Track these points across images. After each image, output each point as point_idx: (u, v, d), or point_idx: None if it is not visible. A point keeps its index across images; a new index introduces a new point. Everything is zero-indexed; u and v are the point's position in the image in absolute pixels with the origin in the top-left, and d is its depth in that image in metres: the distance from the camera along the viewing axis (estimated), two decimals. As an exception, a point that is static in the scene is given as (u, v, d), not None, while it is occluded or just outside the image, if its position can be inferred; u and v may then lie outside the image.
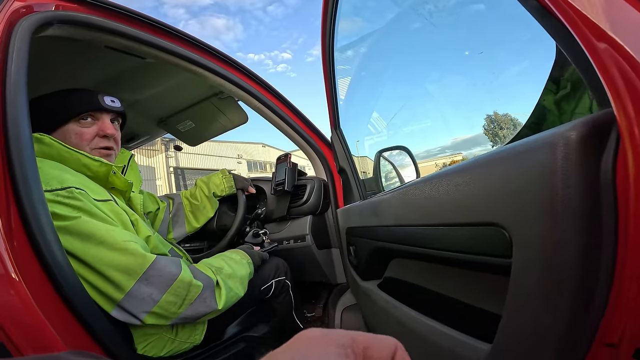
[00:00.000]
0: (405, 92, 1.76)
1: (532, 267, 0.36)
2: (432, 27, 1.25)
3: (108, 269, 0.72)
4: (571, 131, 0.33)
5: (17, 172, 0.62)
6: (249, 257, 1.09)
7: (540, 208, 0.34)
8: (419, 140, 1.82)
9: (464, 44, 1.25)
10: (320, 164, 1.51)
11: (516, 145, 0.39)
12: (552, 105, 0.88)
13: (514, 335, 0.40)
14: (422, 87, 1.71)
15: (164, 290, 0.76)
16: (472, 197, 0.45)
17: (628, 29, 0.32)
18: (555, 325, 0.35)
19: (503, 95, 1.28)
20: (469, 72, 1.47)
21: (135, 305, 0.74)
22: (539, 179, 0.34)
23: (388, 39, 1.44)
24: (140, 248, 0.76)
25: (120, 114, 0.97)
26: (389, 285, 0.90)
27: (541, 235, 0.34)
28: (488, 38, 1.16)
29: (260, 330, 1.12)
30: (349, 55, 1.51)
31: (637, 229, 0.30)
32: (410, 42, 1.45)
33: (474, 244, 0.47)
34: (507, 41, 1.11)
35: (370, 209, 0.89)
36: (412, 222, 0.64)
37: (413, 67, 1.64)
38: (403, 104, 1.70)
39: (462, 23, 1.21)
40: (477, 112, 1.38)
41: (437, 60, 1.51)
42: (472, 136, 1.57)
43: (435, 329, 0.58)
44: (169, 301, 0.76)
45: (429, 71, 1.63)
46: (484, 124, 1.43)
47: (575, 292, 0.33)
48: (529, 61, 1.03)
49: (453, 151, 1.82)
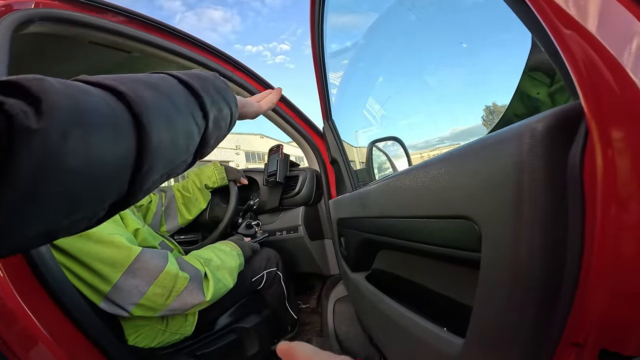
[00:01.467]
0: (400, 82, 1.74)
1: (498, 263, 0.36)
2: (425, 18, 1.23)
3: (94, 261, 0.73)
4: (538, 123, 0.32)
5: None
6: (239, 249, 1.09)
7: (507, 202, 0.34)
8: (417, 131, 1.81)
9: (458, 35, 1.23)
10: (312, 154, 1.51)
11: (488, 137, 0.38)
12: (547, 99, 0.87)
13: (484, 332, 0.40)
14: (419, 77, 1.69)
15: (150, 282, 0.77)
16: (446, 190, 0.44)
17: (598, 15, 0.31)
18: (522, 323, 0.35)
19: (501, 86, 1.26)
20: (466, 63, 1.45)
21: (123, 297, 0.76)
22: (506, 172, 0.34)
23: (382, 29, 1.42)
24: (126, 241, 0.77)
25: None
26: (377, 277, 0.91)
27: (507, 231, 0.34)
28: (484, 28, 1.13)
29: (251, 322, 1.13)
30: (342, 45, 1.49)
31: (604, 226, 0.29)
32: (405, 33, 1.43)
33: (449, 237, 0.47)
34: (502, 31, 1.09)
35: (358, 200, 0.89)
36: (394, 213, 0.63)
37: (408, 57, 1.62)
38: (399, 95, 1.69)
39: (455, 15, 1.19)
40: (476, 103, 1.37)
41: (433, 51, 1.49)
42: (471, 127, 1.56)
43: (416, 322, 0.59)
44: (155, 293, 0.77)
45: (426, 62, 1.61)
46: (483, 115, 1.41)
47: (541, 290, 0.33)
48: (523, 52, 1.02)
49: (452, 142, 1.81)
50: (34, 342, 0.62)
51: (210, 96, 0.37)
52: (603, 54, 0.29)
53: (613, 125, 0.29)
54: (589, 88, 0.30)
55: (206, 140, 0.37)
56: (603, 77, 0.29)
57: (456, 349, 0.46)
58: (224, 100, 0.40)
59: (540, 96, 0.87)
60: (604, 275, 0.30)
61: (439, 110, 1.77)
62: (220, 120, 0.39)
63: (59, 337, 0.65)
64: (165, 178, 0.32)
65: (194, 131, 0.34)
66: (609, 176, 0.29)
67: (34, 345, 0.62)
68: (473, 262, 0.44)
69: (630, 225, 0.28)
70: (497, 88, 1.28)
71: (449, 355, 0.48)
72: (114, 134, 0.24)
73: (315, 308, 1.62)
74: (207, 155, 0.40)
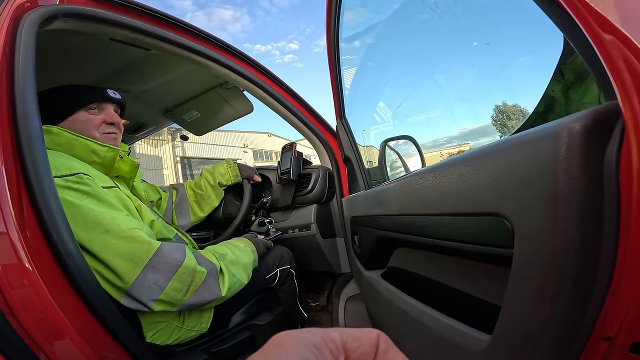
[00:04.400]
0: (412, 81, 1.74)
1: (532, 258, 0.36)
2: (438, 17, 1.23)
3: (114, 257, 0.73)
4: (575, 122, 0.33)
5: (28, 163, 0.63)
6: (253, 245, 1.10)
7: (542, 199, 0.34)
8: (425, 130, 1.81)
9: (471, 34, 1.23)
10: (325, 153, 1.51)
11: (521, 136, 0.39)
12: (560, 95, 0.87)
13: (513, 327, 0.41)
14: (430, 77, 1.69)
15: (170, 277, 0.77)
16: (475, 187, 0.45)
17: (635, 21, 0.32)
18: (553, 318, 0.35)
19: (511, 86, 1.26)
20: (477, 62, 1.45)
21: (143, 293, 0.76)
22: (542, 170, 0.34)
23: (395, 28, 1.42)
24: (146, 235, 0.78)
25: (120, 104, 1.04)
26: (393, 275, 0.91)
27: (542, 226, 0.34)
28: (496, 28, 1.14)
29: (265, 319, 1.14)
30: (356, 44, 1.49)
31: (639, 223, 0.30)
32: (417, 32, 1.43)
33: (475, 234, 0.47)
34: (515, 31, 1.09)
35: (375, 198, 0.90)
36: (416, 211, 0.64)
37: (420, 57, 1.62)
38: (410, 94, 1.69)
39: (470, 13, 1.19)
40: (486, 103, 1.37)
41: (444, 50, 1.49)
42: (480, 126, 1.56)
43: (437, 319, 0.59)
44: (174, 288, 0.78)
45: (436, 61, 1.61)
46: (493, 114, 1.41)
47: (574, 285, 0.33)
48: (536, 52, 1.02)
49: (460, 141, 1.80)
50: (61, 336, 0.63)
51: None
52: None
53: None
54: (626, 89, 0.31)
55: None
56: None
57: (482, 345, 0.46)
58: None
59: (554, 94, 0.87)
60: (637, 269, 0.31)
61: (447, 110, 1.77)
62: None
63: (85, 332, 0.66)
64: None
65: None
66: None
67: (60, 339, 0.63)
68: (501, 259, 0.45)
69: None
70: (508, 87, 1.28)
71: (473, 352, 0.48)
72: None
73: (325, 306, 1.63)
74: None
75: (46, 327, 0.62)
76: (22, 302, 0.59)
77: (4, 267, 0.58)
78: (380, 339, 0.20)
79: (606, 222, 0.32)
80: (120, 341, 0.73)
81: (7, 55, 0.69)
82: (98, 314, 0.69)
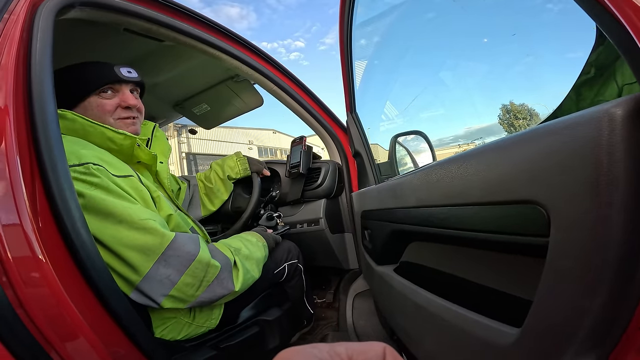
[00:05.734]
0: (422, 79, 1.73)
1: (570, 247, 0.35)
2: (449, 14, 1.22)
3: (126, 249, 0.71)
4: (617, 107, 0.32)
5: (44, 150, 0.61)
6: (264, 240, 1.09)
7: (584, 183, 0.33)
8: (432, 128, 1.80)
9: (483, 31, 1.22)
10: (334, 147, 1.50)
11: (555, 123, 0.38)
12: (571, 92, 0.86)
13: (546, 320, 0.39)
14: (439, 75, 1.68)
15: (182, 271, 0.75)
16: (506, 175, 0.44)
17: None
18: (591, 308, 0.34)
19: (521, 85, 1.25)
20: (489, 60, 1.44)
21: (154, 288, 0.73)
22: (583, 155, 0.33)
23: (406, 24, 1.41)
24: (159, 226, 0.75)
25: (138, 84, 0.96)
26: (406, 270, 0.90)
27: (583, 213, 0.33)
28: (513, 24, 1.12)
29: (273, 314, 1.13)
30: (367, 39, 1.48)
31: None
32: (428, 30, 1.42)
33: (505, 223, 0.46)
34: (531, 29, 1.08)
35: (390, 191, 0.89)
36: (436, 202, 0.63)
37: (430, 55, 1.61)
38: (419, 91, 1.67)
39: (485, 9, 1.18)
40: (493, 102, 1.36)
41: (454, 48, 1.48)
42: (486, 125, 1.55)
43: (458, 312, 0.58)
44: (186, 283, 0.75)
45: (446, 59, 1.60)
46: (499, 113, 1.40)
47: (616, 274, 0.32)
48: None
49: (466, 140, 1.79)
50: (74, 332, 0.61)
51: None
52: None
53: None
54: None
55: None
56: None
57: (509, 338, 0.45)
58: None
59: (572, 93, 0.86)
60: None
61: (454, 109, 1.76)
62: None
63: (98, 327, 0.64)
64: None
65: None
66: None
67: (73, 335, 0.61)
68: (531, 249, 0.44)
69: None
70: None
71: (499, 346, 0.47)
72: None
73: (331, 303, 1.62)
74: None
75: (58, 322, 0.59)
76: (35, 297, 0.57)
77: (16, 259, 0.56)
78: (386, 351, 0.20)
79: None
80: (132, 337, 0.70)
81: (24, 41, 0.68)
82: (111, 309, 0.67)
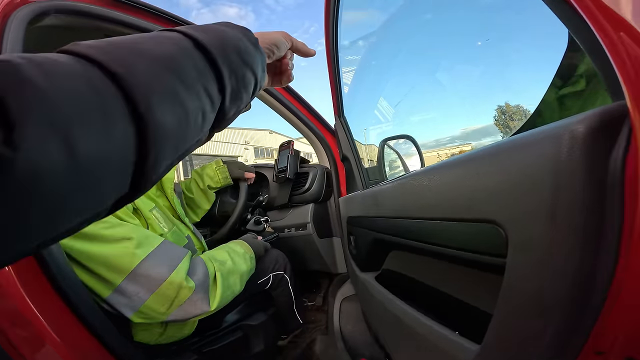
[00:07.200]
0: (412, 80, 1.72)
1: (525, 269, 0.34)
2: (440, 18, 1.21)
3: (97, 265, 0.71)
4: (579, 124, 0.31)
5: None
6: (252, 252, 1.07)
7: (540, 206, 0.32)
8: (428, 130, 1.79)
9: (474, 33, 1.21)
10: (323, 151, 1.49)
11: (519, 138, 0.36)
12: (555, 102, 0.84)
13: (503, 338, 0.38)
14: (431, 76, 1.66)
15: (152, 290, 0.74)
16: (470, 192, 0.42)
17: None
18: (546, 331, 0.33)
19: (515, 87, 1.24)
20: (479, 62, 1.42)
21: (123, 303, 0.73)
22: (541, 175, 0.32)
23: (395, 27, 1.40)
24: (133, 246, 0.74)
25: None
26: (387, 278, 0.89)
27: (539, 235, 0.32)
28: (498, 28, 1.11)
29: (258, 319, 1.12)
30: (356, 42, 1.47)
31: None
32: (418, 31, 1.41)
33: (470, 241, 0.45)
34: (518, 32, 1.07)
35: (371, 199, 0.87)
36: (410, 214, 0.62)
37: (421, 56, 1.60)
38: (410, 93, 1.66)
39: (472, 12, 1.17)
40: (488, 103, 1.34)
41: (446, 51, 1.47)
42: (482, 126, 1.53)
43: (428, 326, 0.57)
44: (156, 301, 0.75)
45: (438, 60, 1.59)
46: (495, 114, 1.39)
47: (570, 298, 0.31)
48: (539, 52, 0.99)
49: (462, 141, 1.78)
50: (39, 338, 0.61)
51: (230, 64, 0.31)
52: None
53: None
54: (635, 88, 0.29)
55: (223, 114, 0.32)
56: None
57: (470, 355, 0.44)
58: (247, 66, 0.33)
59: (547, 97, 0.84)
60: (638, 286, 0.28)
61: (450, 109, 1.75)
62: (241, 91, 0.33)
63: (64, 333, 0.64)
64: (177, 161, 0.29)
65: (207, 109, 0.29)
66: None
67: (38, 342, 0.61)
68: (494, 267, 0.42)
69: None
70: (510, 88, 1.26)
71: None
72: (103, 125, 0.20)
73: (321, 306, 1.61)
74: (224, 128, 0.34)
75: (24, 328, 0.60)
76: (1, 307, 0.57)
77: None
78: None
79: (608, 231, 0.29)
80: (104, 342, 0.71)
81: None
82: (80, 315, 0.67)
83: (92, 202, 0.21)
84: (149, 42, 0.26)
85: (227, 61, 0.30)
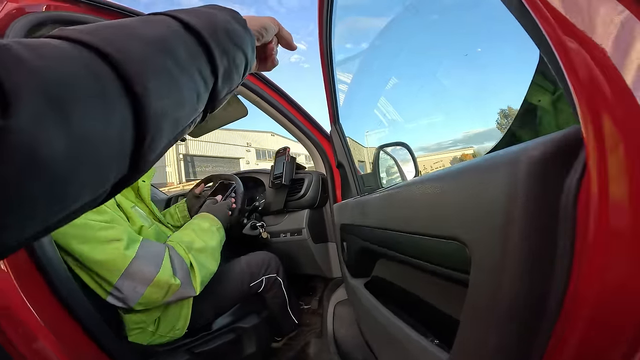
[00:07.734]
0: (410, 86, 1.72)
1: (483, 287, 0.35)
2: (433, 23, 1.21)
3: (93, 264, 0.76)
4: (535, 149, 0.31)
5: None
6: (218, 222, 1.10)
7: (496, 228, 0.33)
8: (429, 134, 1.79)
9: (470, 39, 1.21)
10: (319, 157, 1.50)
11: (484, 159, 0.37)
12: (549, 107, 0.84)
13: (467, 350, 0.39)
14: (428, 81, 1.67)
15: (147, 284, 0.80)
16: (440, 209, 0.43)
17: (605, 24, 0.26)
18: (501, 347, 0.34)
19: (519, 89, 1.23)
20: (477, 68, 1.42)
21: (124, 297, 0.79)
22: (498, 198, 0.33)
23: (392, 32, 1.41)
24: (123, 247, 0.79)
25: None
26: (375, 285, 0.90)
27: (494, 256, 0.33)
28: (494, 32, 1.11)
29: (250, 322, 1.14)
30: (351, 49, 1.48)
31: (592, 259, 0.28)
32: (415, 37, 1.41)
33: (442, 256, 0.46)
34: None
35: (360, 208, 0.88)
36: (392, 226, 0.63)
37: (419, 61, 1.60)
38: (409, 96, 1.67)
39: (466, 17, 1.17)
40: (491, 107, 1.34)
41: (443, 55, 1.47)
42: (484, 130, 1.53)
43: (407, 334, 0.58)
44: (153, 291, 0.81)
45: (437, 65, 1.59)
46: (497, 118, 1.39)
47: (521, 317, 0.32)
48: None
49: (465, 144, 1.78)
50: (35, 337, 0.63)
51: (221, 45, 0.31)
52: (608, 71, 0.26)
53: (612, 154, 0.27)
54: (590, 110, 0.28)
55: (216, 95, 0.32)
56: (605, 99, 0.26)
57: (441, 364, 0.45)
58: (237, 48, 0.33)
59: (541, 103, 0.83)
60: (588, 306, 0.29)
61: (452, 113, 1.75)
62: (232, 72, 0.33)
63: (59, 332, 0.67)
64: (173, 142, 0.29)
65: (201, 89, 0.29)
66: (603, 208, 0.28)
67: (34, 341, 0.64)
68: (464, 282, 0.43)
69: (618, 260, 0.26)
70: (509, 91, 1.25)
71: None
72: (101, 107, 0.20)
73: (316, 309, 1.62)
74: (217, 108, 0.35)
75: (20, 326, 0.62)
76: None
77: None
78: None
79: (559, 255, 0.30)
80: (98, 341, 0.74)
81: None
82: (74, 314, 0.71)
83: (92, 182, 0.21)
84: (141, 25, 0.26)
85: (218, 43, 0.31)
